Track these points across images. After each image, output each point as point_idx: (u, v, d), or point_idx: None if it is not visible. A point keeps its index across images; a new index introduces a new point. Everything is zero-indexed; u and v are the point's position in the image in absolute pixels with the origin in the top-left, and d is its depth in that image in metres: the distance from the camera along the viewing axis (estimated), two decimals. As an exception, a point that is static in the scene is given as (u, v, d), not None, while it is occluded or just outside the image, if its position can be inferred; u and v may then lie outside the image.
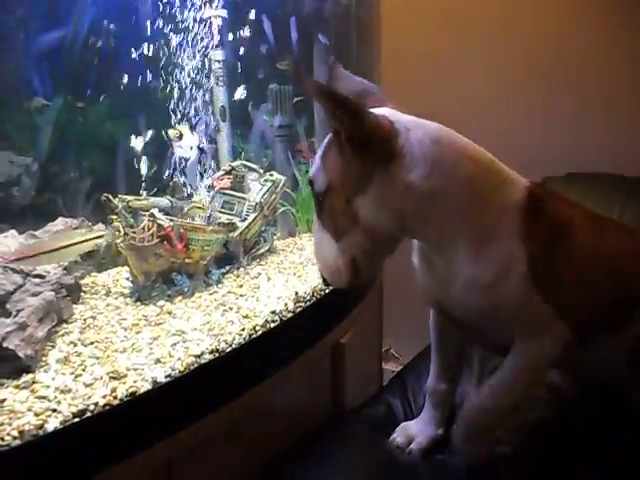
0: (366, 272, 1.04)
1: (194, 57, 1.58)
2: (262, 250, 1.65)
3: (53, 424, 0.89)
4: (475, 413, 1.14)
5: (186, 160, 1.58)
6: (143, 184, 1.50)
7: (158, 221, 1.32)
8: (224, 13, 1.68)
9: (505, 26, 2.11)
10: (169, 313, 1.29)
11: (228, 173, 1.67)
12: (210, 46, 1.66)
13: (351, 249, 1.01)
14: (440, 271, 1.07)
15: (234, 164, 1.69)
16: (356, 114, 0.93)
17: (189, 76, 1.57)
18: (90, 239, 1.31)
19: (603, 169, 1.87)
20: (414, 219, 0.99)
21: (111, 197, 1.33)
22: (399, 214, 0.98)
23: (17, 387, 0.97)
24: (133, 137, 1.49)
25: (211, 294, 1.40)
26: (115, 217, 1.32)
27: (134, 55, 1.47)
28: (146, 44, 1.49)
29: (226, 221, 1.55)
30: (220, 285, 1.46)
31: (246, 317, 1.26)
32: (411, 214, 0.98)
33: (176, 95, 1.55)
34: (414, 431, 1.33)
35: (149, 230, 1.32)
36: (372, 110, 0.98)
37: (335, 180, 0.99)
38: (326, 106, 0.93)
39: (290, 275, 1.53)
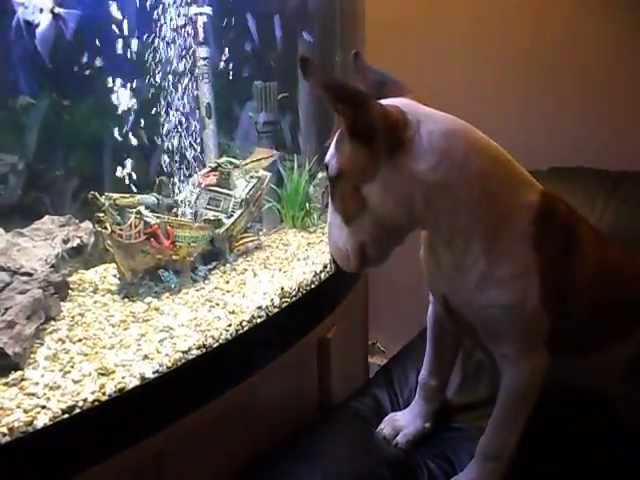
0: (373, 259, 1.05)
1: (180, 54, 1.57)
2: (253, 243, 1.68)
3: (42, 420, 0.90)
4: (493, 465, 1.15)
5: (31, 25, 1.23)
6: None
7: (145, 218, 1.33)
8: (209, 10, 1.68)
9: (487, 19, 2.12)
10: (156, 309, 1.30)
11: (214, 170, 1.67)
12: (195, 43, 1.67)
13: (359, 234, 1.02)
14: (448, 265, 1.06)
15: (220, 161, 1.70)
16: (358, 104, 0.94)
17: (175, 74, 1.57)
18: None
19: (586, 163, 1.89)
20: (423, 210, 0.99)
21: (98, 195, 1.34)
22: (407, 203, 0.98)
23: (6, 384, 0.98)
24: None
25: (198, 290, 1.41)
26: (102, 215, 1.32)
27: (119, 53, 1.46)
28: (130, 40, 1.49)
29: (212, 218, 1.56)
30: (207, 281, 1.47)
31: (232, 313, 1.28)
32: (419, 205, 0.98)
33: (162, 92, 1.55)
34: (402, 423, 1.35)
35: (136, 227, 1.32)
36: (384, 100, 0.99)
37: (345, 166, 1.00)
38: (329, 97, 0.95)
39: (276, 271, 1.54)
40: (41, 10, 1.22)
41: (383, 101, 0.99)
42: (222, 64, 1.78)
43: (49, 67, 1.36)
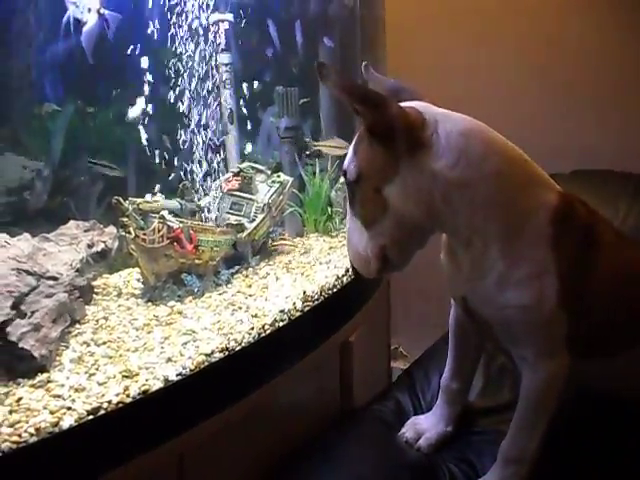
0: (395, 262, 1.06)
1: (202, 61, 1.59)
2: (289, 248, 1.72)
3: (68, 422, 0.91)
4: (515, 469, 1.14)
5: (79, 22, 1.29)
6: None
7: (168, 223, 1.34)
8: (230, 17, 1.69)
9: (506, 23, 2.12)
10: (179, 313, 1.31)
11: (236, 175, 1.68)
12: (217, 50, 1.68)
13: (380, 238, 1.03)
14: (467, 267, 1.06)
15: (242, 166, 1.71)
16: (377, 105, 0.96)
17: (197, 80, 1.58)
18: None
19: (609, 166, 1.87)
20: (442, 210, 0.99)
21: (121, 200, 1.35)
22: (427, 203, 0.99)
23: (33, 386, 0.99)
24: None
25: (220, 294, 1.42)
26: (126, 219, 1.34)
27: (143, 59, 1.48)
28: (153, 47, 1.50)
29: (234, 222, 1.57)
30: (229, 285, 1.48)
31: (255, 316, 1.28)
32: (439, 204, 0.99)
33: (185, 99, 1.56)
34: (424, 426, 1.34)
35: (159, 232, 1.34)
36: (402, 103, 1.00)
37: (365, 169, 1.01)
38: (347, 99, 0.96)
39: (298, 275, 1.54)
40: (89, 10, 1.30)
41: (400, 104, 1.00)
42: (244, 70, 1.79)
43: (89, 64, 1.39)
